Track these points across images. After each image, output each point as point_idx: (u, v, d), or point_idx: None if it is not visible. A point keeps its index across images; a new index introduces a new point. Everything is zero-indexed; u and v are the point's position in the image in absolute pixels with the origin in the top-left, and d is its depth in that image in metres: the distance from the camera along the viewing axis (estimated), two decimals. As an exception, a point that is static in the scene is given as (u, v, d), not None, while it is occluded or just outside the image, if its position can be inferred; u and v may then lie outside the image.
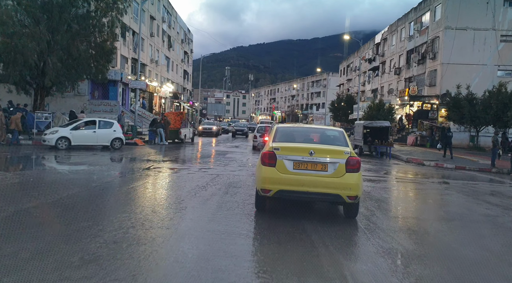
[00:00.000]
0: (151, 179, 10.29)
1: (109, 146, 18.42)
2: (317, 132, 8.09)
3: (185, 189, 9.06)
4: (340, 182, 6.51)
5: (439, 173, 16.62)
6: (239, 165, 15.07)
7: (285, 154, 6.64)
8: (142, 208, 7.07)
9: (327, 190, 6.48)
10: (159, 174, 11.27)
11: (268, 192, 6.59)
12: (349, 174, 6.57)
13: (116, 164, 14.31)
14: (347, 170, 6.56)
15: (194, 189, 8.97)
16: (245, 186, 9.73)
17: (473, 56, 33.64)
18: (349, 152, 6.77)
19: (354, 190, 6.51)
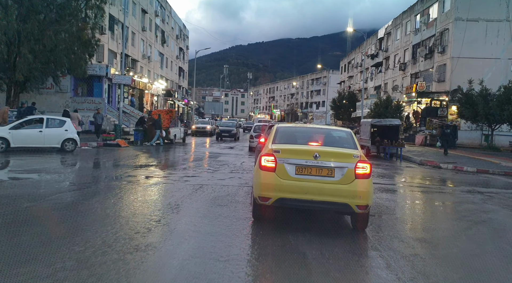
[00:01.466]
0: (111, 195, 7.95)
1: (60, 147, 15.67)
2: (322, 133, 6.82)
3: (150, 211, 6.83)
4: (348, 189, 5.60)
5: (462, 178, 14.45)
6: (231, 170, 12.88)
7: (287, 157, 5.72)
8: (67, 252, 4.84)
9: (334, 199, 5.60)
10: (127, 186, 9.00)
11: (267, 200, 5.72)
12: (359, 180, 5.64)
13: (65, 173, 11.17)
14: (356, 175, 5.66)
15: (162, 211, 6.69)
16: (233, 203, 7.52)
17: (485, 50, 31.46)
18: (358, 155, 5.78)
19: (364, 198, 5.61)
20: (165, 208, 6.75)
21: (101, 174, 11.24)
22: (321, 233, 5.77)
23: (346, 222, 6.47)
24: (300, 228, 5.94)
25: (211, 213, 6.54)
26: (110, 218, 6.05)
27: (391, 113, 28.89)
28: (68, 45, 18.84)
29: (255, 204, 5.98)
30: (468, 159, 20.67)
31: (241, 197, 8.06)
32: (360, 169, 5.64)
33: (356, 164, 5.63)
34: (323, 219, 6.53)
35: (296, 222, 6.28)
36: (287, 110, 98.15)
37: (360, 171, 5.64)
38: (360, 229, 6.03)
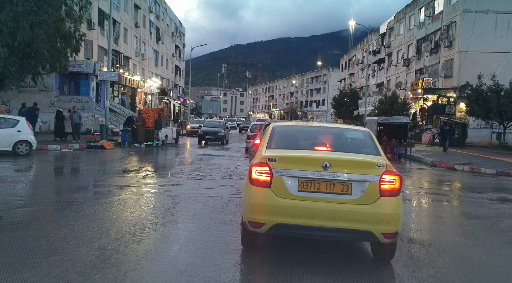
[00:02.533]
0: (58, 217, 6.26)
1: (11, 151, 13.61)
2: (332, 134, 5.15)
3: (101, 244, 5.17)
4: (371, 211, 4.04)
5: (483, 183, 12.87)
6: (223, 175, 11.27)
7: (286, 168, 4.17)
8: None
9: (352, 225, 4.03)
10: (89, 200, 7.30)
11: (260, 227, 4.14)
12: (385, 199, 4.11)
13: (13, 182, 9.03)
14: (381, 192, 4.11)
15: (116, 241, 5.01)
16: (217, 225, 5.88)
17: (495, 43, 29.83)
18: (384, 165, 4.22)
19: (393, 223, 4.08)
20: (124, 239, 5.03)
21: (62, 183, 9.56)
22: (332, 270, 4.14)
23: (365, 249, 4.86)
24: (303, 260, 4.32)
25: (185, 246, 4.79)
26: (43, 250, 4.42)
27: (397, 111, 27.27)
28: (45, 37, 17.15)
29: (244, 229, 4.41)
30: (483, 159, 19.08)
31: (229, 214, 6.43)
32: (386, 182, 4.09)
33: (381, 176, 4.10)
34: (335, 245, 4.91)
35: (299, 249, 4.67)
36: (286, 110, 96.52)
37: (387, 185, 4.09)
38: (385, 260, 4.48)
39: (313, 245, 4.81)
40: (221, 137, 23.91)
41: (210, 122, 27.25)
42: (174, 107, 49.49)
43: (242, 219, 4.38)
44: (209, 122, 27.33)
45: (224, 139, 24.40)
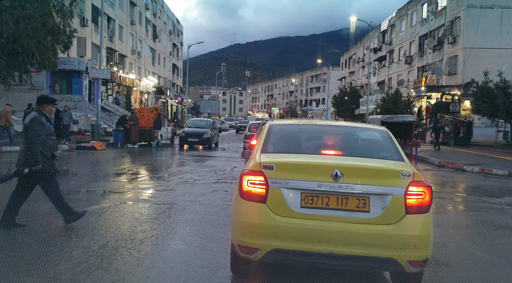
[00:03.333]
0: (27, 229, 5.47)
1: None
2: (342, 134, 4.27)
3: (70, 256, 4.30)
4: (395, 233, 3.13)
5: (498, 185, 12.04)
6: (218, 179, 10.42)
7: (286, 177, 3.25)
8: None
9: (370, 251, 3.09)
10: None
11: (253, 253, 3.23)
12: (413, 217, 3.18)
13: None
14: (408, 208, 3.18)
15: (83, 266, 4.13)
16: (203, 242, 5.01)
17: (500, 39, 28.97)
18: (410, 173, 3.27)
19: (422, 248, 3.15)
20: (85, 261, 4.08)
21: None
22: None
23: (383, 278, 3.99)
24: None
25: (161, 274, 3.85)
26: None
27: (401, 109, 26.40)
28: (31, 33, 16.24)
29: (234, 253, 3.53)
30: (492, 159, 18.24)
31: (220, 227, 5.55)
32: (413, 196, 3.22)
33: (406, 188, 3.21)
34: (346, 273, 4.04)
35: (301, 278, 3.80)
36: (286, 109, 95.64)
37: (414, 199, 3.22)
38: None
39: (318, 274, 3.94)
40: (207, 139, 19.63)
41: (195, 122, 22.39)
42: (171, 107, 48.59)
43: (232, 242, 3.51)
44: (194, 122, 22.44)
45: (211, 142, 20.02)
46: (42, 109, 5.15)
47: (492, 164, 16.28)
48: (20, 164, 4.99)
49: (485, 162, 17.14)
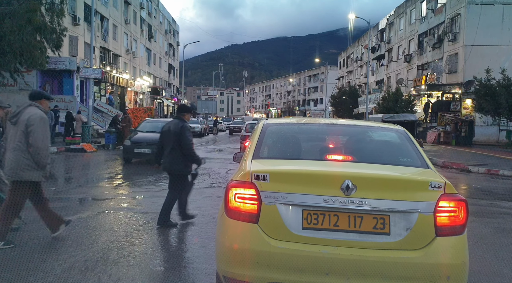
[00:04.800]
0: None
1: None
2: (350, 135, 3.57)
3: None
4: (423, 261, 2.42)
5: (506, 187, 11.41)
6: (211, 182, 9.78)
7: (283, 190, 2.56)
8: None
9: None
10: (35, 223, 5.76)
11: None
12: (444, 240, 2.50)
13: None
14: (438, 228, 2.51)
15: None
16: (187, 260, 4.33)
17: (502, 36, 28.37)
18: (441, 184, 2.57)
19: (457, 280, 2.45)
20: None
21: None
22: None
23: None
24: None
25: None
26: None
27: (402, 108, 25.76)
28: (17, 30, 15.50)
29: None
30: (497, 159, 17.64)
31: (209, 242, 4.87)
32: (445, 213, 2.55)
33: (436, 203, 2.54)
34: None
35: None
36: (284, 109, 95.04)
37: (446, 217, 2.56)
38: None
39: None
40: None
41: (153, 124, 14.16)
42: (167, 107, 47.86)
43: (217, 272, 2.84)
44: (151, 124, 14.37)
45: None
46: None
47: (498, 164, 15.69)
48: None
49: (490, 162, 16.55)
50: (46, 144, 4.33)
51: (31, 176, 4.27)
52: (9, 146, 4.34)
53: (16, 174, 4.24)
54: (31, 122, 4.23)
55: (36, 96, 4.60)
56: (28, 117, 4.25)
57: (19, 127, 4.26)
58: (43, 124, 4.31)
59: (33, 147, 4.20)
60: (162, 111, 44.01)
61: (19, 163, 4.23)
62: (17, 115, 4.30)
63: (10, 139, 4.32)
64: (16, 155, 4.24)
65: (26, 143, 4.22)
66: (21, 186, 4.27)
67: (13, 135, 4.29)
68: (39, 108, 4.43)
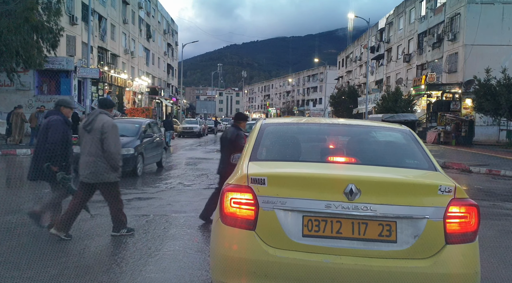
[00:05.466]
0: None
1: None
2: (353, 135, 3.37)
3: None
4: (432, 271, 2.23)
5: (508, 188, 11.24)
6: (209, 184, 9.61)
7: (282, 195, 2.37)
8: None
9: None
10: (24, 226, 5.60)
11: None
12: (455, 248, 2.31)
13: None
14: (448, 236, 2.31)
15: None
16: (182, 268, 4.16)
17: (502, 35, 28.24)
18: (451, 188, 2.39)
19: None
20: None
21: (3, 198, 7.83)
22: None
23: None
24: None
25: None
26: None
27: (401, 108, 25.61)
28: (14, 29, 15.32)
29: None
30: (498, 159, 17.50)
31: (206, 246, 4.70)
32: (455, 219, 2.39)
33: (446, 208, 2.37)
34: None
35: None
36: (283, 109, 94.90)
37: (456, 223, 2.39)
38: None
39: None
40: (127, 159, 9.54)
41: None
42: (166, 107, 47.68)
43: (211, 280, 2.67)
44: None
45: (135, 163, 10.19)
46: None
47: (499, 164, 15.55)
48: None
49: (491, 162, 16.41)
50: (118, 149, 4.79)
51: (109, 177, 4.76)
52: (84, 150, 4.75)
53: (96, 177, 4.70)
54: (105, 129, 4.65)
55: (107, 105, 5.08)
56: (101, 124, 4.67)
57: (94, 134, 4.69)
58: (115, 131, 4.76)
59: (107, 152, 4.65)
60: (160, 112, 43.81)
61: (97, 167, 4.67)
62: (91, 123, 4.73)
63: (85, 145, 4.75)
64: (94, 159, 4.68)
65: (101, 149, 4.66)
66: (109, 185, 4.81)
67: (89, 141, 4.71)
68: (108, 116, 4.87)
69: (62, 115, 5.04)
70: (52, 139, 4.79)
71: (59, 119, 4.93)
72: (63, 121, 4.97)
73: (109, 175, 4.75)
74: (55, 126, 4.83)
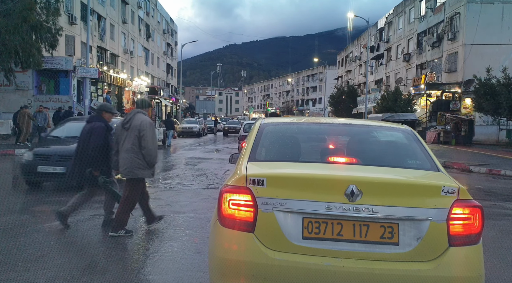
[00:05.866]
0: None
1: None
2: (354, 135, 3.30)
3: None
4: (435, 275, 2.18)
5: (509, 188, 11.21)
6: (208, 184, 9.56)
7: (281, 196, 2.31)
8: None
9: None
10: (20, 227, 5.56)
11: None
12: (458, 251, 2.25)
13: None
14: (452, 238, 2.26)
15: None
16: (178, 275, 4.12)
17: (502, 35, 28.23)
18: (454, 189, 2.33)
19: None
20: None
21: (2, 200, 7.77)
22: None
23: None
24: None
25: None
26: None
27: (401, 107, 25.56)
28: (13, 28, 15.25)
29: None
30: (498, 159, 17.47)
31: (204, 247, 4.66)
32: (459, 221, 2.34)
33: (450, 209, 2.32)
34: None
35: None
36: (282, 108, 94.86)
37: (460, 225, 2.34)
38: None
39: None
40: None
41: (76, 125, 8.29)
42: (165, 107, 47.62)
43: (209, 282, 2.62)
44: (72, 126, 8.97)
45: None
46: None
47: (499, 164, 15.51)
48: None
49: (491, 161, 16.37)
50: (155, 146, 5.00)
51: (143, 173, 4.96)
52: (122, 148, 4.94)
53: (131, 172, 4.89)
54: (143, 127, 4.87)
55: (144, 105, 5.32)
56: (139, 123, 4.90)
57: (132, 132, 4.89)
58: (152, 129, 5.01)
59: (145, 148, 4.84)
60: (160, 111, 43.74)
61: (133, 163, 4.85)
62: (129, 122, 4.95)
63: (123, 142, 4.94)
64: (130, 156, 4.86)
65: (139, 146, 4.85)
66: (136, 182, 4.95)
67: (126, 139, 4.91)
68: (145, 115, 5.11)
69: (104, 121, 5.33)
70: (94, 144, 5.03)
71: (101, 126, 5.20)
72: (105, 127, 5.25)
73: (143, 172, 4.93)
74: (97, 132, 5.09)
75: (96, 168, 5.01)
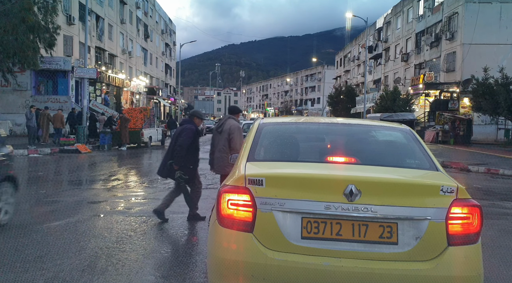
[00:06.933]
0: None
1: None
2: (353, 135, 3.29)
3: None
4: (434, 274, 2.18)
5: (507, 187, 11.23)
6: (207, 183, 9.59)
7: (280, 196, 2.31)
8: None
9: None
10: (11, 229, 5.54)
11: None
12: (457, 250, 2.26)
13: None
14: (451, 238, 2.27)
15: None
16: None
17: (500, 34, 28.27)
18: (453, 189, 2.34)
19: None
20: None
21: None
22: None
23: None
24: None
25: None
26: None
27: (400, 107, 25.58)
28: (10, 29, 15.21)
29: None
30: (496, 159, 17.51)
31: (203, 247, 4.66)
32: (458, 220, 2.34)
33: (448, 209, 2.32)
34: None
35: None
36: (281, 108, 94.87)
37: (459, 225, 2.34)
38: None
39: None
40: None
41: None
42: (164, 107, 47.59)
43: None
44: None
45: None
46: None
47: (498, 163, 15.54)
48: None
49: (490, 161, 16.40)
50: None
51: None
52: (215, 148, 5.72)
53: (222, 170, 5.57)
54: (232, 131, 5.59)
55: (234, 112, 6.06)
56: (229, 127, 5.63)
57: (223, 135, 5.64)
58: (239, 132, 5.69)
59: (234, 149, 5.41)
60: (158, 112, 43.73)
61: (223, 161, 5.49)
62: (221, 126, 5.75)
63: (217, 144, 5.71)
64: (221, 155, 5.58)
65: (228, 147, 5.54)
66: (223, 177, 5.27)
67: (219, 140, 5.67)
68: (235, 120, 5.85)
69: (194, 125, 5.95)
70: (181, 143, 5.65)
71: (192, 128, 5.83)
72: (194, 130, 5.85)
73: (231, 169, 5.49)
74: (187, 133, 5.71)
75: (177, 162, 5.62)
